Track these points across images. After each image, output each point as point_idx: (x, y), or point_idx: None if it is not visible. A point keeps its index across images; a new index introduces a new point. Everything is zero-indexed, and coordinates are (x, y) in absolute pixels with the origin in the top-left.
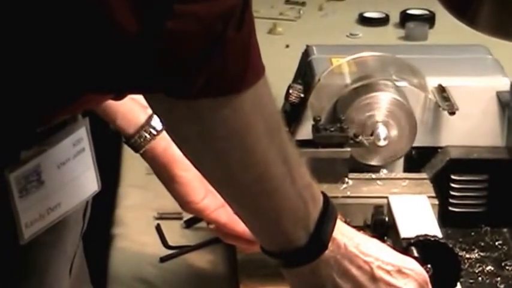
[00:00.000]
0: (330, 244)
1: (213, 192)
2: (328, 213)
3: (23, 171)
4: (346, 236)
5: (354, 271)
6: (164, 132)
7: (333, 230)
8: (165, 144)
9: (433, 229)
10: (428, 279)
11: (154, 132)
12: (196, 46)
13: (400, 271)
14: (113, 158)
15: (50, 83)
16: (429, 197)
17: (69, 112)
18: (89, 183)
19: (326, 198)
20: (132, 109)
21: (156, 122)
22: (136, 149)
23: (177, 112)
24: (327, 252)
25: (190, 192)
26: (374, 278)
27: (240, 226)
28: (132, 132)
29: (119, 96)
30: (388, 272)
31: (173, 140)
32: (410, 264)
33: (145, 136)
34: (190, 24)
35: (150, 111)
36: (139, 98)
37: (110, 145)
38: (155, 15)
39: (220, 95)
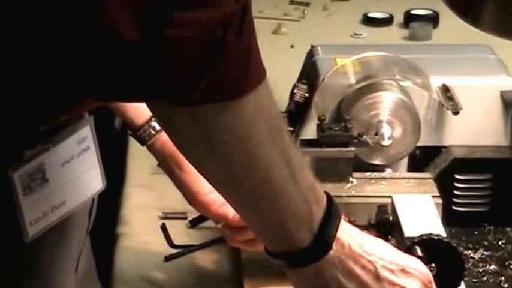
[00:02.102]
0: (334, 244)
1: None
2: (331, 214)
3: (26, 169)
4: (350, 235)
5: (358, 271)
6: None
7: (336, 230)
8: None
9: (437, 228)
10: (432, 279)
11: None
12: (196, 53)
13: (404, 270)
14: (118, 157)
15: (51, 87)
16: (433, 196)
17: (73, 113)
18: (93, 181)
19: (329, 199)
20: None
21: None
22: (144, 140)
23: (178, 118)
24: (331, 252)
25: (198, 182)
26: (378, 278)
27: None
28: (142, 123)
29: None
30: (392, 271)
31: (175, 145)
32: (414, 263)
33: (155, 126)
34: (190, 31)
35: None
36: None
37: (115, 145)
38: (155, 22)
39: (221, 100)
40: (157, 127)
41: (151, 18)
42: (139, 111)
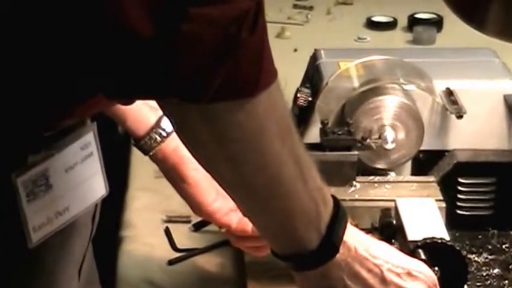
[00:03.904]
0: (340, 247)
1: (224, 196)
2: (339, 216)
3: (30, 175)
4: (356, 238)
5: (365, 274)
6: (174, 133)
7: (344, 233)
8: (174, 145)
9: (441, 232)
10: (437, 282)
11: (164, 134)
12: (210, 49)
13: (409, 274)
14: (121, 161)
15: (61, 86)
16: (436, 200)
17: (77, 116)
18: (97, 187)
19: (336, 201)
20: (142, 111)
21: (166, 124)
22: (146, 151)
23: (189, 116)
24: (338, 255)
25: (201, 193)
26: (384, 281)
27: (251, 230)
28: (142, 134)
29: (129, 101)
30: (398, 274)
31: (184, 143)
32: (419, 266)
33: (156, 138)
34: (204, 27)
35: (160, 112)
36: None
37: (118, 148)
38: (170, 18)
39: (234, 99)
40: (159, 138)
41: (166, 14)
42: (140, 121)
